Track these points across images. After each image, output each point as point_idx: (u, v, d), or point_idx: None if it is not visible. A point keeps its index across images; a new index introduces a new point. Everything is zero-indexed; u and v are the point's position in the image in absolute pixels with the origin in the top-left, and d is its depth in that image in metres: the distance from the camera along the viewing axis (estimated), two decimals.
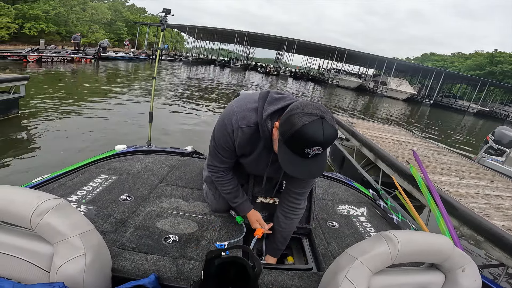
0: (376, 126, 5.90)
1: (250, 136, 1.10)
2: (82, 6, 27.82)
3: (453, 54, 60.30)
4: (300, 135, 0.85)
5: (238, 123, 1.08)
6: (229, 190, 1.30)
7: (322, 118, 0.85)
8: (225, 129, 1.11)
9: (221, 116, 1.14)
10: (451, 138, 12.31)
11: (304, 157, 0.90)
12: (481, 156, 5.30)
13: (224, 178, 1.28)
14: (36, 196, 0.78)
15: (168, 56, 33.12)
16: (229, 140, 1.12)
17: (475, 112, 30.73)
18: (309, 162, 0.91)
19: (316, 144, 0.86)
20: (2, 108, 4.97)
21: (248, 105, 1.10)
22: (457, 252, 0.91)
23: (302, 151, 0.88)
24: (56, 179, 1.53)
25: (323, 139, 0.85)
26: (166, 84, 13.32)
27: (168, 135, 5.66)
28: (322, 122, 0.85)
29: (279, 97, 1.07)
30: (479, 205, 2.42)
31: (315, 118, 0.85)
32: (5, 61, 12.65)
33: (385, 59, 34.08)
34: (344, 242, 1.42)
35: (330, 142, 0.88)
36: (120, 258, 1.03)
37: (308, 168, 0.93)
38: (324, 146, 0.88)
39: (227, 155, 1.20)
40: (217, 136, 1.15)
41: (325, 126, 0.85)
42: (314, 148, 0.87)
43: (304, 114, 0.86)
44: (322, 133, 0.85)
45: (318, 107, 0.89)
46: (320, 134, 0.85)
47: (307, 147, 0.87)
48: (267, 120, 1.04)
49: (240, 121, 1.08)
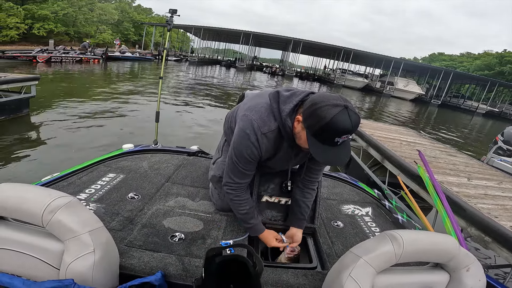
0: (383, 126, 5.86)
1: (274, 140, 1.11)
2: (90, 6, 28.18)
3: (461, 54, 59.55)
4: (331, 127, 0.90)
5: (261, 130, 1.07)
6: (245, 210, 1.25)
7: (347, 107, 0.90)
8: (248, 139, 1.08)
9: (240, 128, 1.11)
10: (460, 138, 12.15)
11: (333, 146, 0.94)
12: (490, 157, 5.23)
13: (242, 198, 1.24)
14: (47, 194, 0.79)
15: (174, 57, 33.32)
16: (254, 150, 1.10)
17: (484, 112, 30.28)
18: (339, 149, 0.96)
19: (346, 133, 0.91)
20: (14, 107, 5.07)
21: (263, 110, 1.10)
22: (462, 252, 0.90)
23: (332, 141, 0.92)
24: (66, 177, 1.56)
25: (352, 127, 0.90)
26: (173, 84, 13.39)
27: (174, 134, 5.70)
28: (348, 111, 0.90)
29: (290, 93, 1.09)
30: (487, 206, 2.40)
31: (341, 109, 0.90)
32: (15, 61, 12.88)
33: (392, 59, 33.75)
34: (348, 242, 1.42)
35: (357, 127, 0.93)
36: (127, 256, 1.05)
37: (338, 154, 0.97)
38: (352, 132, 0.92)
39: (250, 168, 1.17)
40: (240, 149, 1.12)
41: (351, 114, 0.90)
42: (344, 136, 0.92)
43: (330, 106, 0.90)
44: (350, 121, 0.89)
45: (339, 97, 0.94)
46: (348, 123, 0.89)
47: (337, 137, 0.91)
48: (287, 120, 1.05)
49: (262, 128, 1.07)
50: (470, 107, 32.73)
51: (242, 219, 1.29)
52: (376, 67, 44.45)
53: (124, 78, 14.27)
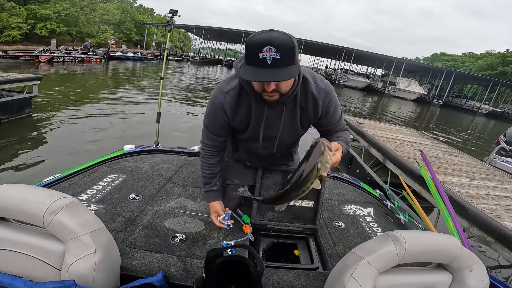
0: (385, 126, 5.84)
1: (238, 96, 1.13)
2: (92, 6, 28.26)
3: (464, 54, 59.26)
4: (249, 42, 0.90)
5: (223, 89, 1.13)
6: (204, 174, 1.33)
7: (271, 30, 0.90)
8: (213, 100, 1.15)
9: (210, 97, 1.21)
10: (462, 139, 12.10)
11: (264, 66, 0.89)
12: (493, 157, 5.21)
13: (206, 160, 1.30)
14: (48, 194, 0.79)
15: (176, 57, 33.36)
16: (219, 110, 1.14)
17: (486, 112, 30.15)
18: (271, 70, 0.90)
19: (265, 43, 0.87)
20: (16, 107, 5.08)
21: (229, 75, 1.17)
22: (465, 252, 0.90)
23: (257, 57, 0.88)
24: (67, 178, 1.56)
25: (270, 38, 0.87)
26: (174, 85, 13.41)
27: (175, 135, 5.70)
28: (269, 31, 0.89)
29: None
30: (490, 206, 2.39)
31: (264, 31, 0.90)
32: (17, 61, 12.93)
33: (394, 59, 33.64)
34: (350, 242, 1.41)
35: (282, 42, 0.88)
36: (128, 257, 1.05)
37: (270, 73, 0.91)
38: (275, 45, 0.87)
39: (215, 130, 1.22)
40: (208, 112, 1.19)
41: (273, 32, 0.89)
42: (265, 49, 0.87)
43: (255, 33, 0.91)
44: (269, 34, 0.88)
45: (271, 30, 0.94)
46: (267, 35, 0.88)
47: (259, 51, 0.87)
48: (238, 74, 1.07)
49: (224, 87, 1.13)
50: (472, 107, 32.58)
51: (202, 182, 1.36)
52: (378, 67, 44.35)
53: (126, 78, 14.30)
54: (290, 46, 0.89)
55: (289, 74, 0.92)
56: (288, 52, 0.89)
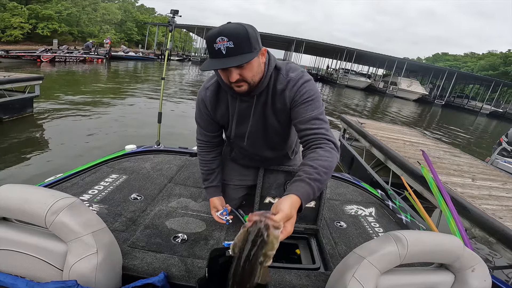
0: (386, 126, 5.82)
1: (217, 92, 1.17)
2: (94, 6, 28.29)
3: (465, 54, 59.10)
4: (207, 36, 0.92)
5: (204, 86, 1.20)
6: (203, 170, 1.36)
7: (228, 23, 0.93)
8: (198, 96, 1.22)
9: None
10: (463, 139, 12.07)
11: (220, 56, 0.92)
12: (494, 158, 5.19)
13: (203, 157, 1.34)
14: (50, 194, 0.79)
15: (177, 56, 33.38)
16: (202, 105, 1.20)
17: (488, 113, 30.03)
18: (226, 59, 0.92)
19: (217, 34, 0.89)
20: (17, 107, 5.10)
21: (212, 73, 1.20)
22: (467, 252, 0.90)
23: (213, 49, 0.91)
24: (69, 178, 1.57)
25: (222, 29, 0.89)
26: (175, 85, 13.42)
27: (176, 135, 5.71)
28: (225, 24, 0.92)
29: None
30: (492, 207, 2.39)
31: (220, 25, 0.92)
32: (19, 61, 12.96)
33: (395, 59, 33.57)
34: (351, 242, 1.41)
35: (233, 31, 0.89)
36: (130, 257, 1.05)
37: (224, 61, 0.92)
38: (227, 35, 0.89)
39: (205, 125, 1.26)
40: (196, 108, 1.25)
41: (227, 24, 0.92)
42: (218, 40, 0.89)
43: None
44: (222, 26, 0.90)
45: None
46: (220, 27, 0.90)
47: (213, 42, 0.90)
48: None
49: (205, 84, 1.20)
50: (474, 107, 32.48)
51: (201, 179, 1.39)
52: (379, 67, 44.25)
53: (127, 78, 14.33)
54: (243, 34, 0.90)
55: (242, 60, 0.91)
56: (241, 40, 0.90)
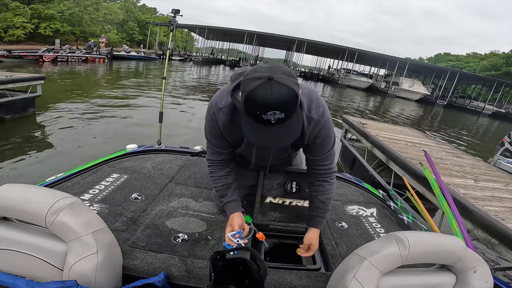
0: (388, 127, 5.80)
1: (231, 116, 1.08)
2: (96, 6, 28.37)
3: (468, 54, 58.90)
4: (250, 100, 0.81)
5: (218, 105, 1.08)
6: (217, 187, 1.28)
7: (271, 79, 0.79)
8: (209, 114, 1.13)
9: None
10: (466, 139, 12.02)
11: (268, 124, 0.83)
12: (497, 159, 5.17)
13: (215, 175, 1.26)
14: (50, 194, 0.79)
15: (179, 56, 33.44)
16: (215, 125, 1.12)
17: (490, 113, 29.92)
18: (275, 129, 0.85)
19: (270, 108, 0.80)
20: (20, 106, 5.11)
21: (224, 88, 1.11)
22: (469, 253, 0.89)
23: (261, 117, 0.82)
24: (70, 178, 1.56)
25: (274, 101, 0.79)
26: (177, 84, 13.44)
27: (177, 134, 5.71)
28: (270, 84, 0.79)
29: (241, 71, 1.02)
30: (494, 208, 2.38)
31: (262, 81, 0.80)
32: (21, 60, 13.00)
33: (397, 59, 33.50)
34: (352, 243, 1.41)
35: (286, 103, 0.81)
36: (130, 257, 1.04)
37: (273, 135, 0.86)
38: (280, 108, 0.80)
39: (217, 143, 1.18)
40: (206, 125, 1.16)
41: (274, 86, 0.79)
42: (270, 113, 0.80)
43: (252, 79, 0.81)
44: (271, 94, 0.79)
45: (269, 69, 0.83)
46: (267, 95, 0.79)
47: (262, 113, 0.81)
48: (234, 95, 1.02)
49: (219, 103, 1.08)
50: (476, 107, 32.33)
51: (216, 197, 1.33)
52: (381, 67, 44.14)
53: (129, 77, 14.35)
54: (295, 101, 0.83)
55: (295, 133, 0.89)
56: (292, 106, 0.83)
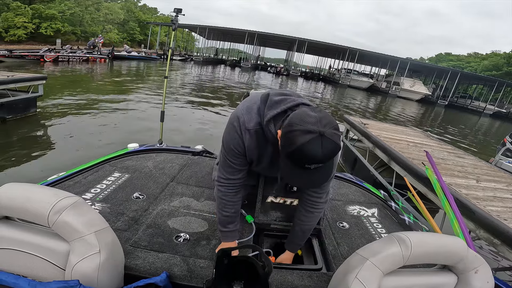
0: (390, 127, 5.79)
1: (257, 138, 1.06)
2: (96, 6, 28.41)
3: (469, 54, 58.75)
4: (299, 154, 0.82)
5: (245, 125, 1.05)
6: (229, 213, 1.18)
7: (322, 135, 0.80)
8: (234, 131, 1.07)
9: (229, 119, 1.11)
10: (467, 140, 12.00)
11: (305, 169, 0.86)
12: (499, 159, 5.16)
13: (228, 199, 1.18)
14: (53, 193, 0.79)
15: (179, 56, 33.47)
16: (240, 142, 1.08)
17: (492, 113, 29.90)
18: (311, 173, 0.87)
19: (315, 162, 0.83)
20: (21, 106, 5.11)
21: (254, 107, 1.08)
22: (471, 253, 0.89)
23: (303, 166, 0.85)
24: (71, 177, 1.56)
25: (322, 157, 0.81)
26: (178, 84, 13.44)
27: (179, 134, 5.72)
28: (321, 140, 0.80)
29: (279, 99, 1.02)
30: (496, 208, 2.37)
31: (313, 136, 0.80)
32: (23, 60, 13.01)
33: (398, 59, 33.48)
34: (354, 243, 1.41)
35: (331, 157, 0.84)
36: (132, 256, 1.04)
37: (310, 178, 0.88)
38: (324, 162, 0.84)
39: (238, 162, 1.13)
40: (227, 140, 1.10)
41: (324, 143, 0.80)
42: (313, 166, 0.84)
43: (302, 132, 0.81)
44: (321, 151, 0.80)
45: (318, 120, 0.83)
46: (318, 153, 0.81)
47: (306, 164, 0.84)
48: (269, 125, 1.00)
49: (247, 123, 1.05)
50: (477, 107, 32.29)
51: (220, 221, 1.20)
52: (382, 67, 44.15)
53: (130, 77, 14.37)
54: (337, 153, 0.87)
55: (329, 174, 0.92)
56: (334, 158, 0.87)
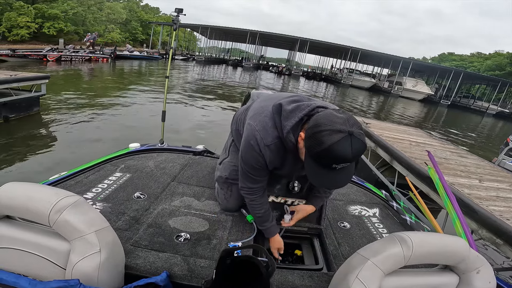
0: (392, 126, 5.78)
1: (278, 151, 1.08)
2: (99, 6, 28.48)
3: (472, 54, 58.43)
4: (328, 153, 0.83)
5: (264, 142, 1.06)
6: (260, 214, 1.27)
7: (351, 134, 0.82)
8: (253, 149, 1.09)
9: (244, 138, 1.13)
10: (470, 139, 11.94)
11: (331, 170, 0.88)
12: (502, 159, 5.13)
13: (257, 201, 1.25)
14: (54, 193, 0.79)
15: (181, 56, 33.52)
16: (260, 159, 1.10)
17: (495, 113, 29.73)
18: (336, 173, 0.89)
19: (345, 161, 0.84)
20: (24, 106, 5.14)
21: (266, 120, 1.08)
22: (473, 254, 0.89)
23: (330, 166, 0.86)
24: (73, 176, 1.57)
25: (352, 156, 0.83)
26: (179, 84, 13.46)
27: (180, 133, 5.72)
28: (351, 139, 0.82)
29: (293, 107, 1.02)
30: (499, 208, 2.37)
31: (343, 136, 0.82)
32: (26, 60, 13.07)
33: (400, 59, 33.38)
34: (355, 243, 1.40)
35: (359, 156, 0.87)
36: (133, 256, 1.04)
37: (335, 179, 0.91)
38: (353, 161, 0.86)
39: (259, 174, 1.17)
40: (246, 158, 1.14)
41: (354, 142, 0.82)
42: (342, 164, 0.85)
43: (332, 132, 0.83)
44: (351, 151, 0.82)
45: (346, 120, 0.85)
46: (348, 152, 0.82)
47: (335, 164, 0.85)
48: (288, 136, 1.01)
49: (265, 139, 1.06)
50: (480, 107, 32.18)
51: (257, 221, 1.33)
52: (384, 67, 43.98)
53: (132, 76, 14.41)
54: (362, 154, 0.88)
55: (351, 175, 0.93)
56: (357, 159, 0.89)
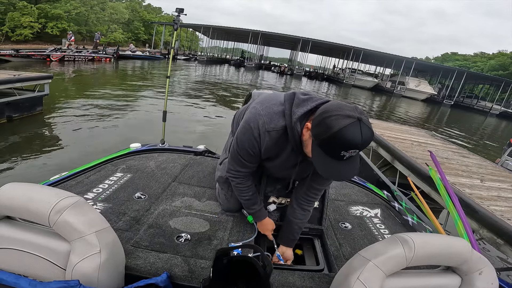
0: (394, 126, 5.76)
1: (277, 140, 1.07)
2: (102, 6, 28.55)
3: (475, 54, 58.05)
4: (338, 138, 0.83)
5: (265, 126, 1.04)
6: (248, 196, 1.27)
7: (360, 120, 0.83)
8: (251, 133, 1.07)
9: (245, 120, 1.10)
10: (473, 140, 11.87)
11: (339, 160, 0.88)
12: (505, 159, 5.09)
13: (243, 184, 1.25)
14: (54, 193, 0.79)
15: (183, 56, 33.56)
16: (255, 144, 1.08)
17: (498, 113, 29.54)
18: (344, 164, 0.89)
19: (354, 147, 0.84)
20: (27, 105, 5.17)
21: (274, 108, 1.06)
22: (475, 255, 0.88)
23: (338, 154, 0.86)
24: (73, 176, 1.57)
25: (361, 142, 0.83)
26: (181, 84, 13.48)
27: (181, 134, 5.73)
28: (360, 125, 0.82)
29: (307, 98, 1.02)
30: (500, 208, 2.36)
31: (353, 121, 0.82)
32: (29, 60, 13.12)
33: (403, 59, 33.20)
34: (356, 244, 1.40)
35: (368, 144, 0.86)
36: (133, 256, 1.04)
37: (342, 170, 0.91)
38: (361, 148, 0.86)
39: (251, 160, 1.16)
40: (242, 140, 1.11)
41: (363, 128, 0.82)
42: (351, 151, 0.85)
43: (341, 117, 0.83)
44: (361, 136, 0.82)
45: (354, 108, 0.86)
46: (358, 137, 0.82)
47: (344, 150, 0.84)
48: (296, 124, 1.00)
49: (267, 124, 1.04)
50: (483, 107, 31.93)
51: (245, 205, 1.33)
52: (386, 66, 43.80)
53: (134, 76, 14.45)
54: (370, 142, 0.88)
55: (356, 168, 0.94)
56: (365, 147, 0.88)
